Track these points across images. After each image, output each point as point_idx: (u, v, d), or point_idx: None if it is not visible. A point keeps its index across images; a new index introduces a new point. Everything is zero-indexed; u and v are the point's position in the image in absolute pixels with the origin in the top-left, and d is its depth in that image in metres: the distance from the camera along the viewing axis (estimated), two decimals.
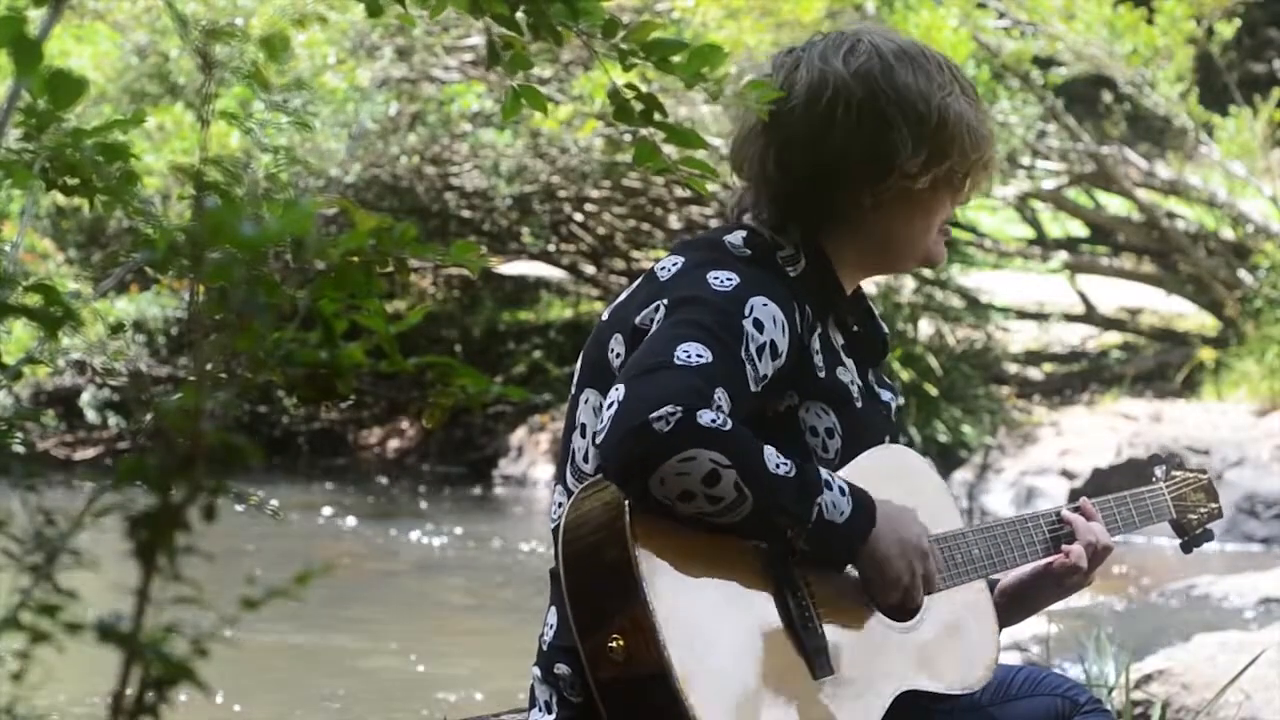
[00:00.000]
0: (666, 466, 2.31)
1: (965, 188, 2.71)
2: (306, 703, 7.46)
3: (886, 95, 2.62)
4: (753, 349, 2.46)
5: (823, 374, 2.60)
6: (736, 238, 2.62)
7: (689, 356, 2.39)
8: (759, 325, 2.48)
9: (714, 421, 2.32)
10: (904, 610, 2.60)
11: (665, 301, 2.51)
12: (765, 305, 2.50)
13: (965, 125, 2.65)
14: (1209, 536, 3.19)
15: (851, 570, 2.55)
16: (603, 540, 2.41)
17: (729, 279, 2.52)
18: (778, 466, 2.38)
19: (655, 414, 2.31)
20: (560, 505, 2.57)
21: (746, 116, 2.68)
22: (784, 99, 2.62)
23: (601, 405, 2.53)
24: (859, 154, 2.62)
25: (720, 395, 2.38)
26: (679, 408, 2.31)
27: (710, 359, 2.39)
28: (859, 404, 2.65)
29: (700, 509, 2.35)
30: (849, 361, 2.67)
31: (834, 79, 2.63)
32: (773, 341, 2.49)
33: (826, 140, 2.62)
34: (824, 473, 2.45)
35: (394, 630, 8.81)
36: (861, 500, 2.48)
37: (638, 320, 2.53)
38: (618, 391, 2.37)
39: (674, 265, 2.59)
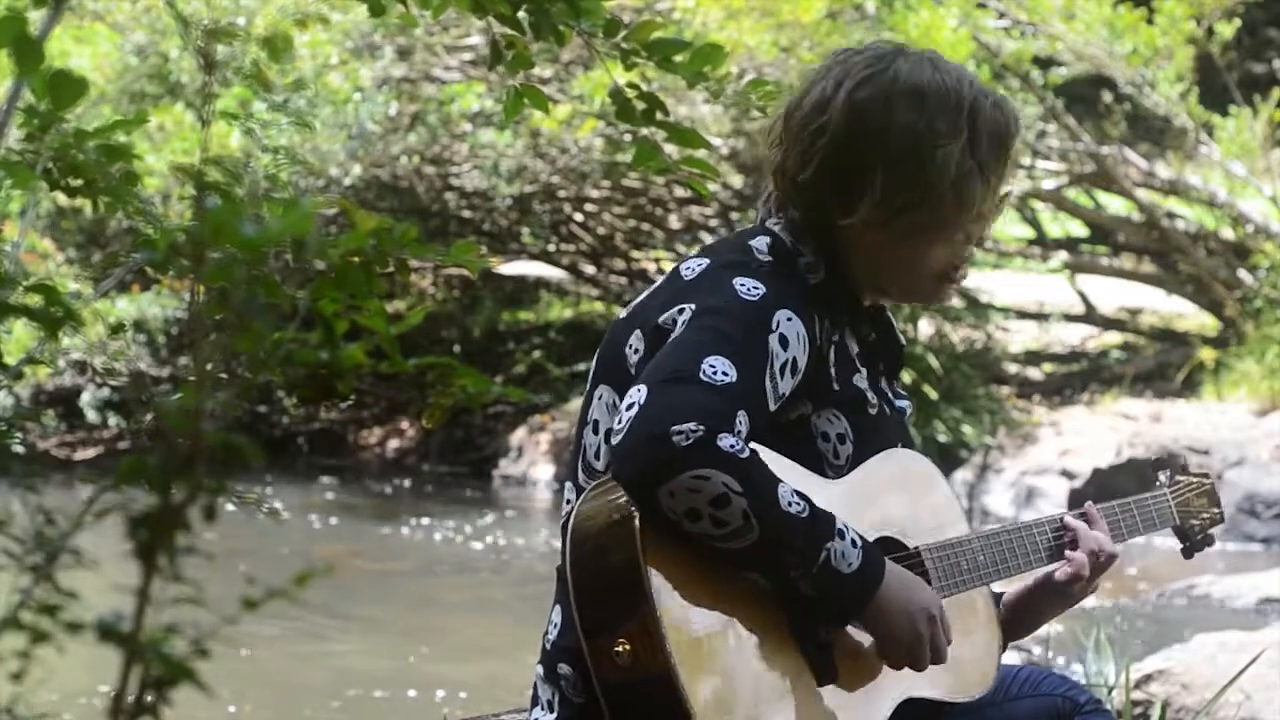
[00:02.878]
0: (679, 481, 2.31)
1: (954, 232, 2.65)
2: (306, 703, 7.46)
3: (870, 137, 2.59)
4: (776, 367, 2.46)
5: (837, 385, 2.60)
6: (761, 243, 2.62)
7: (715, 373, 2.38)
8: (784, 342, 2.48)
9: (733, 447, 2.32)
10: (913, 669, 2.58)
11: (692, 305, 2.50)
12: (790, 320, 2.50)
13: (948, 173, 2.60)
14: (1210, 542, 3.19)
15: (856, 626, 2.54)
16: (612, 541, 2.41)
17: (756, 288, 2.51)
18: (790, 505, 2.37)
19: (677, 427, 2.31)
20: (569, 502, 2.57)
21: (776, 113, 2.69)
22: (794, 109, 2.64)
23: (616, 402, 2.53)
24: (829, 182, 2.62)
25: (741, 419, 2.37)
26: (701, 426, 2.31)
27: (735, 379, 2.39)
28: (873, 410, 2.65)
29: (705, 530, 2.35)
30: (864, 369, 2.67)
31: (830, 107, 2.61)
32: (794, 359, 2.49)
33: (806, 162, 2.63)
34: (839, 522, 2.43)
35: (394, 630, 8.81)
36: (872, 557, 2.46)
37: (660, 320, 2.53)
38: (640, 394, 2.37)
39: (699, 266, 2.59)
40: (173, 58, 12.09)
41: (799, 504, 2.38)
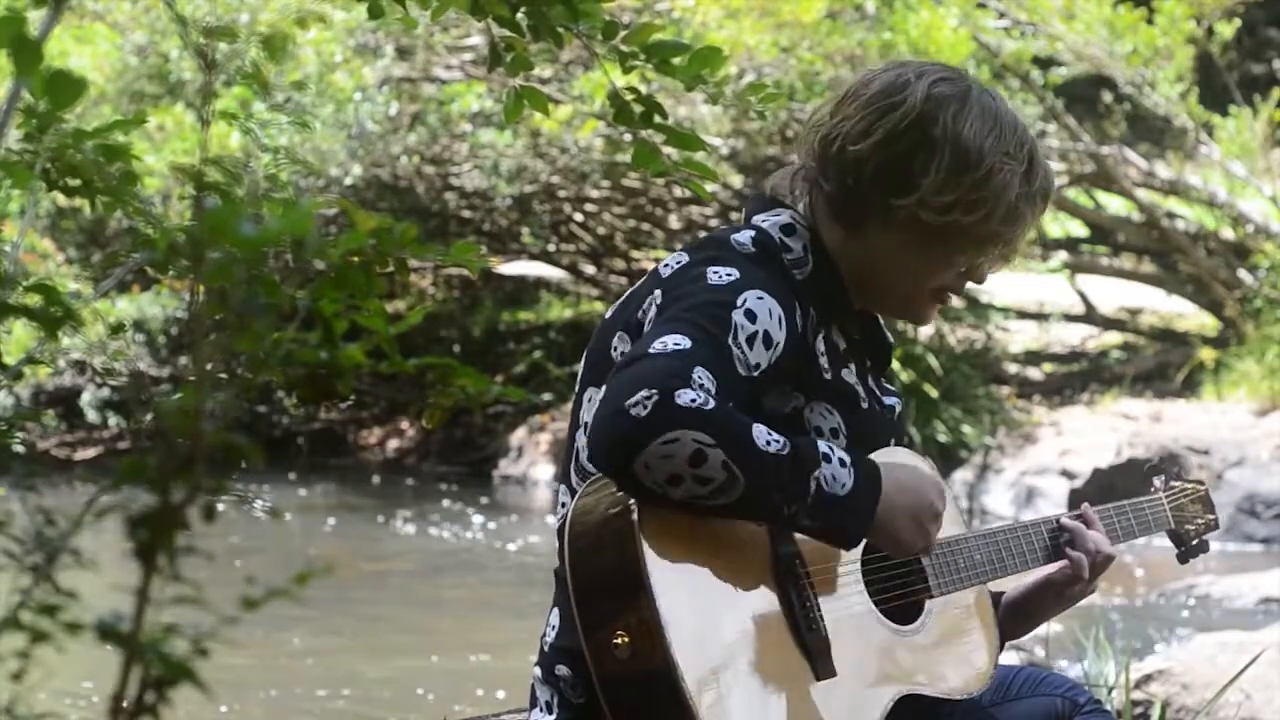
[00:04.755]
0: (650, 450, 2.28)
1: (973, 257, 2.66)
2: (306, 703, 7.46)
3: (944, 127, 2.59)
4: (742, 337, 2.44)
5: (828, 375, 2.60)
6: (744, 236, 2.62)
7: (664, 346, 2.37)
8: (751, 315, 2.46)
9: (694, 400, 2.30)
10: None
11: (659, 296, 2.52)
12: (761, 299, 2.49)
13: (1008, 196, 2.61)
14: (1205, 548, 3.20)
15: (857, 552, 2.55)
16: (609, 537, 2.41)
17: (728, 274, 2.51)
18: (768, 444, 2.34)
19: (631, 399, 2.29)
20: (564, 505, 2.57)
21: (834, 95, 2.69)
22: (863, 86, 2.63)
23: None
24: (887, 158, 2.60)
25: (700, 374, 2.35)
26: (654, 390, 2.29)
27: (688, 345, 2.37)
28: (864, 405, 2.65)
29: (691, 492, 2.32)
30: (852, 365, 2.67)
31: (909, 90, 2.62)
32: (766, 332, 2.47)
33: (868, 133, 2.61)
34: (823, 445, 2.41)
35: (393, 630, 8.81)
36: (865, 470, 2.45)
37: (638, 315, 2.54)
38: (603, 388, 2.38)
39: (677, 262, 2.59)
40: (173, 58, 12.10)
41: (776, 440, 2.36)
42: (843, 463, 2.41)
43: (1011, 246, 2.67)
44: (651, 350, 2.36)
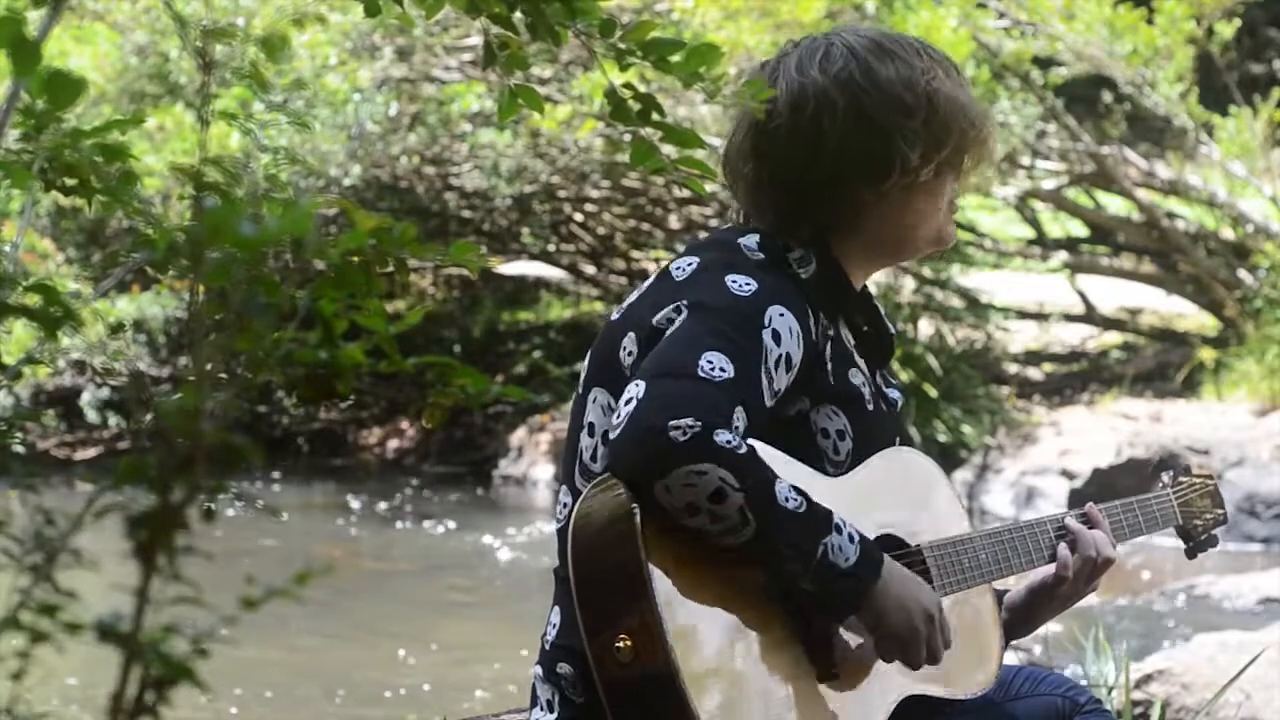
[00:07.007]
0: (676, 475, 2.31)
1: (967, 167, 2.69)
2: (306, 703, 7.46)
3: (869, 95, 2.59)
4: (770, 362, 2.46)
5: (834, 379, 2.60)
6: (750, 240, 2.62)
7: (712, 369, 2.39)
8: (777, 337, 2.48)
9: (729, 443, 2.33)
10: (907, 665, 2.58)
11: (685, 303, 2.50)
12: (783, 315, 2.50)
13: (956, 105, 2.63)
14: (1214, 542, 3.18)
15: (855, 622, 2.53)
16: (613, 540, 2.41)
17: (748, 284, 2.52)
18: (787, 500, 2.38)
19: (674, 421, 2.31)
20: (566, 506, 2.57)
21: (733, 134, 2.67)
22: (771, 119, 2.60)
23: (611, 404, 2.53)
24: (853, 160, 2.61)
25: (739, 415, 2.38)
26: (699, 421, 2.31)
27: (732, 374, 2.39)
28: (870, 406, 2.65)
29: (703, 525, 2.35)
30: (860, 362, 2.67)
31: (813, 89, 2.61)
32: (788, 354, 2.49)
33: (818, 152, 2.61)
34: (837, 517, 2.43)
35: (394, 630, 8.81)
36: (869, 553, 2.46)
37: (655, 320, 2.52)
38: (637, 389, 2.37)
39: (689, 265, 2.58)
40: (173, 58, 12.09)
41: (795, 499, 2.38)
42: (851, 539, 2.43)
43: (991, 138, 2.68)
44: (700, 372, 2.37)
